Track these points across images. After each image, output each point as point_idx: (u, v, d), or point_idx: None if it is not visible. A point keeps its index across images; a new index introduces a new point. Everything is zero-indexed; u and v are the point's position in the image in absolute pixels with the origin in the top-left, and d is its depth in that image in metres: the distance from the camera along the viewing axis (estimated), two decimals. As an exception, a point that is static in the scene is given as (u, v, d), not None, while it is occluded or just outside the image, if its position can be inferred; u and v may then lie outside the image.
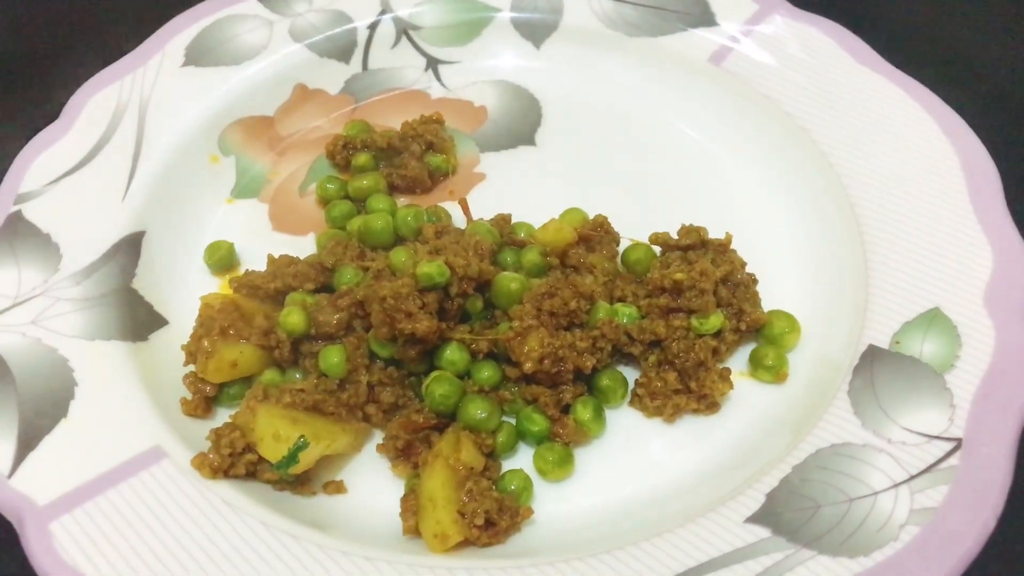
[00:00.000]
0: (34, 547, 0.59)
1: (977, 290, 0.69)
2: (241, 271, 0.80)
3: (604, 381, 0.70)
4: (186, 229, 0.83)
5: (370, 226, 0.78)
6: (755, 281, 0.76)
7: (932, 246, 0.72)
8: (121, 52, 0.91)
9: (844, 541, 0.57)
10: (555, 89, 0.95)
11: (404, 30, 0.97)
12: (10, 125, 0.98)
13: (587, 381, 0.71)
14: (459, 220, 0.83)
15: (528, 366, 0.67)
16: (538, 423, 0.68)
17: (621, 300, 0.74)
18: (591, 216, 0.80)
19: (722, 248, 0.76)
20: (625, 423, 0.70)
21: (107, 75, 0.89)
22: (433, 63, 0.97)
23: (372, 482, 0.68)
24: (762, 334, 0.73)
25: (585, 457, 0.68)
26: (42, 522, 0.60)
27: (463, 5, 0.97)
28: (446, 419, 0.69)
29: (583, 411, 0.69)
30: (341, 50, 0.95)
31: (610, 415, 0.71)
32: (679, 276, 0.70)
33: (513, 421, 0.70)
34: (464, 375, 0.70)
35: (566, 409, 0.70)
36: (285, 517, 0.62)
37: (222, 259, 0.81)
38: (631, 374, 0.72)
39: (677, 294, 0.71)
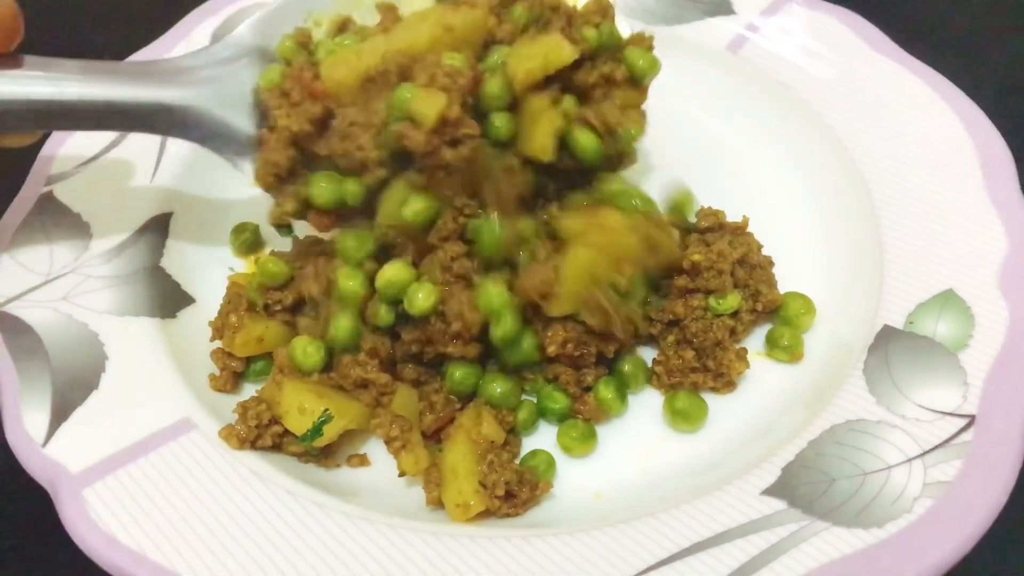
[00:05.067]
0: (68, 512, 0.60)
1: (991, 272, 0.69)
2: (266, 252, 0.81)
3: (626, 367, 0.71)
4: (213, 211, 0.85)
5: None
6: (771, 263, 0.76)
7: (946, 229, 0.73)
8: (149, 37, 0.93)
9: (858, 513, 0.58)
10: (574, 77, 0.96)
11: (425, 18, 0.98)
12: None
13: (608, 365, 0.72)
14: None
15: (551, 349, 0.68)
16: (559, 401, 0.69)
17: (640, 281, 0.75)
18: (610, 200, 0.81)
19: (739, 231, 0.77)
20: (643, 400, 0.71)
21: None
22: (454, 51, 0.98)
23: (395, 456, 0.69)
24: (778, 315, 0.74)
25: (605, 434, 0.70)
26: (75, 489, 0.61)
27: (484, -6, 0.99)
28: (466, 402, 0.70)
29: (605, 390, 0.69)
30: (364, 38, 0.96)
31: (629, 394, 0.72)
32: (697, 257, 0.71)
33: (535, 399, 0.71)
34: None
35: (587, 389, 0.71)
36: (310, 487, 0.64)
37: (247, 240, 0.82)
38: (649, 354, 0.73)
39: (695, 275, 0.72)
